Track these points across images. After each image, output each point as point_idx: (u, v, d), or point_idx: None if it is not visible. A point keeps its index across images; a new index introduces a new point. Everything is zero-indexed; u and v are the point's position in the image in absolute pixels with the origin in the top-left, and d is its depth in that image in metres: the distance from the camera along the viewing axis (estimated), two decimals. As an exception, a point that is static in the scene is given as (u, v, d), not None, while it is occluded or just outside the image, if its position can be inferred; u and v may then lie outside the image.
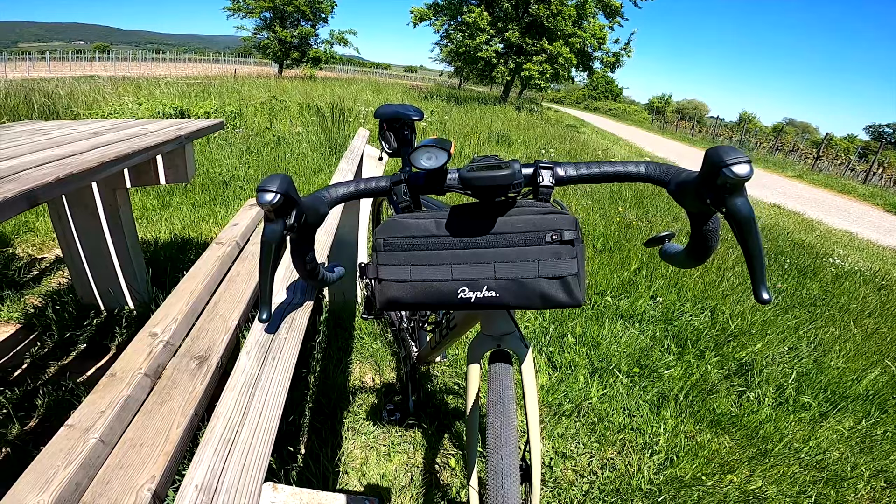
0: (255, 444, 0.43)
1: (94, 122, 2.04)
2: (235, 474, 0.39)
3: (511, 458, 0.63)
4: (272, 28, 23.69)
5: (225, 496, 0.37)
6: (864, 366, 2.27)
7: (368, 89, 12.93)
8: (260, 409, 0.47)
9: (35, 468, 0.76)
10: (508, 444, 0.64)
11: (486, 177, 0.56)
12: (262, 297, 0.58)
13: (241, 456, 0.41)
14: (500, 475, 0.61)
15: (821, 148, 17.62)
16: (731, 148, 0.50)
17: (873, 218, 8.84)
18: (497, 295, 0.62)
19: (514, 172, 0.57)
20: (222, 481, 0.38)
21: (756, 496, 1.41)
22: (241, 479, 0.39)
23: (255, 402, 0.47)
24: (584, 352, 2.00)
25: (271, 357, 0.55)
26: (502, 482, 0.61)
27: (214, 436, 0.42)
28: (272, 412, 0.48)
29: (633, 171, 0.65)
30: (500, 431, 0.66)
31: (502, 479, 0.61)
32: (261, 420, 0.46)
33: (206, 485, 0.38)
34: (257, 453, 0.42)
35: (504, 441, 0.64)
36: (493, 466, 0.62)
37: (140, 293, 2.06)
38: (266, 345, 0.57)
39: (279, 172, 0.56)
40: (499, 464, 0.62)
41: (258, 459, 0.41)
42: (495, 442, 0.65)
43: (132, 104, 6.16)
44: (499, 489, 0.60)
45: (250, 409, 0.46)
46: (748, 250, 0.53)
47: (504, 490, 0.60)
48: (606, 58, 17.96)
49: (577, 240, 0.61)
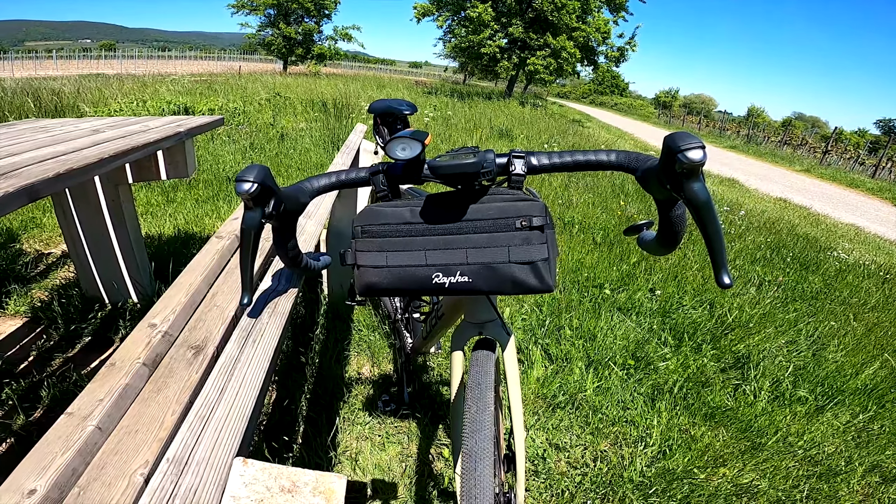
0: (230, 421, 0.45)
1: (97, 120, 2.08)
2: (207, 449, 0.41)
3: (485, 442, 0.64)
4: (276, 25, 23.69)
5: (195, 468, 0.39)
6: (863, 360, 2.26)
7: (372, 85, 12.94)
8: (237, 389, 0.49)
9: (34, 455, 0.79)
10: (483, 429, 0.66)
11: (451, 164, 0.58)
12: (242, 283, 0.61)
13: (214, 432, 0.43)
14: (474, 458, 0.63)
15: (830, 142, 17.42)
16: (687, 134, 0.51)
17: (881, 212, 8.75)
18: (470, 280, 0.64)
19: (480, 161, 0.58)
20: (193, 455, 0.40)
21: (748, 490, 1.42)
22: (212, 453, 0.41)
23: (233, 382, 0.49)
24: (581, 344, 2.01)
25: (251, 340, 0.57)
26: (475, 465, 0.62)
27: (191, 413, 0.44)
28: (249, 392, 0.50)
29: (603, 160, 0.67)
30: (476, 416, 0.67)
31: (475, 462, 0.62)
32: (237, 399, 0.48)
33: (178, 458, 0.39)
34: (231, 429, 0.44)
35: (479, 425, 0.66)
36: (468, 450, 0.64)
37: (143, 287, 2.10)
38: (248, 328, 0.59)
39: (257, 164, 0.59)
40: (473, 447, 0.64)
41: (231, 435, 0.43)
42: (471, 426, 0.66)
43: (138, 101, 6.21)
44: (471, 472, 0.62)
45: (227, 388, 0.48)
46: (706, 234, 0.54)
47: (477, 473, 0.61)
48: (611, 52, 17.83)
49: (546, 226, 0.63)
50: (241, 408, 0.47)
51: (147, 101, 6.17)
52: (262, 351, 0.56)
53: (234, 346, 0.55)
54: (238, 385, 0.49)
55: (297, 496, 0.44)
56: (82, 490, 0.76)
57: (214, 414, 0.44)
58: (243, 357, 0.54)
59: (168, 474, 0.39)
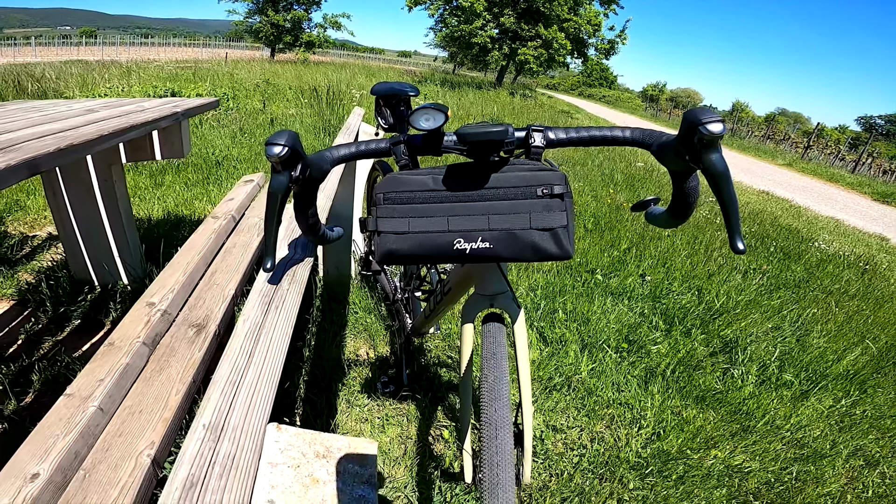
0: (260, 386, 0.45)
1: (89, 101, 2.03)
2: (241, 414, 0.41)
3: (504, 411, 0.66)
4: (264, 12, 23.19)
5: (231, 434, 0.40)
6: (844, 346, 2.33)
7: (362, 73, 12.79)
8: (264, 354, 0.49)
9: (34, 438, 0.78)
10: (502, 398, 0.67)
11: (481, 132, 0.59)
12: (266, 247, 0.61)
13: (246, 397, 0.43)
14: (494, 426, 0.64)
15: (811, 137, 17.74)
16: (706, 109, 0.54)
17: (860, 206, 8.96)
18: (491, 246, 0.65)
19: (507, 129, 0.60)
20: (228, 420, 0.41)
21: (739, 471, 1.46)
22: (246, 418, 0.41)
23: (260, 347, 0.49)
24: (575, 327, 2.04)
25: (274, 306, 0.58)
26: (496, 433, 0.63)
27: (221, 377, 0.45)
28: (276, 356, 0.50)
29: (618, 136, 0.69)
30: (494, 385, 0.69)
31: (496, 430, 0.64)
32: (265, 364, 0.48)
33: (214, 424, 0.40)
34: (262, 394, 0.44)
35: (498, 394, 0.67)
36: (488, 418, 0.65)
37: (134, 268, 2.07)
38: (269, 294, 0.59)
39: (287, 129, 0.59)
40: (493, 416, 0.65)
41: (263, 400, 0.44)
42: (489, 395, 0.68)
43: (124, 86, 6.06)
44: (493, 440, 0.63)
45: (255, 352, 0.48)
46: (723, 202, 0.57)
47: (498, 440, 0.63)
48: (601, 45, 17.85)
49: (566, 194, 0.65)
50: (269, 373, 0.47)
51: (133, 87, 6.02)
52: (284, 317, 0.57)
53: (259, 312, 0.55)
54: (265, 350, 0.49)
55: (331, 461, 0.45)
56: (87, 473, 0.75)
57: (245, 379, 0.45)
58: (267, 322, 0.54)
59: (206, 441, 0.39)
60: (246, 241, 1.61)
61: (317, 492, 0.41)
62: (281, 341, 0.52)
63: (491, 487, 0.60)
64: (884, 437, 1.73)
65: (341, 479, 0.45)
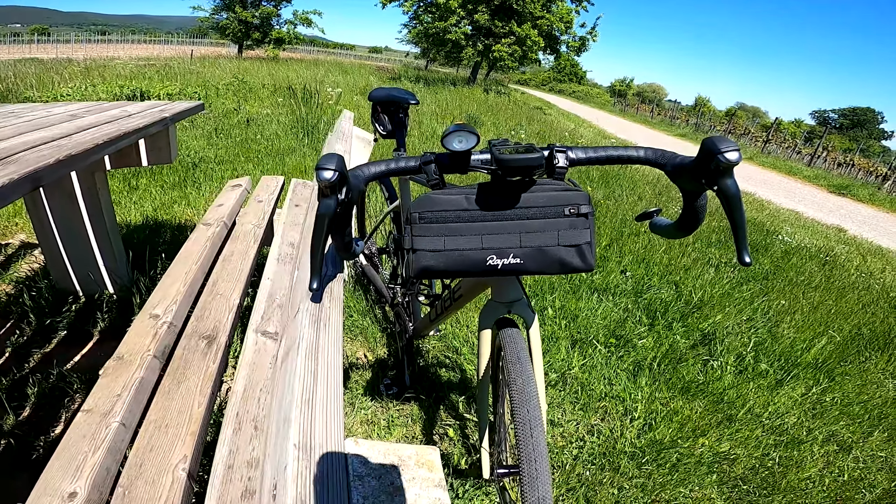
0: (330, 404, 0.48)
1: (68, 105, 1.97)
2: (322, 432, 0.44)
3: (536, 411, 0.71)
4: (232, 8, 22.49)
5: (319, 451, 0.42)
6: (812, 335, 2.47)
7: (335, 70, 12.63)
8: (326, 372, 0.52)
9: (62, 455, 0.78)
10: (532, 399, 0.72)
11: (521, 159, 0.63)
12: (312, 268, 0.63)
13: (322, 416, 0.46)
14: (529, 426, 0.69)
15: (770, 132, 18.50)
16: (724, 138, 0.61)
17: (817, 198, 9.44)
18: (521, 262, 0.70)
19: (542, 156, 0.64)
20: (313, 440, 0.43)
21: (727, 458, 1.55)
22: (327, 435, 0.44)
23: (321, 366, 0.52)
24: (564, 324, 2.11)
25: (323, 324, 0.60)
26: (531, 431, 0.68)
27: (295, 397, 0.47)
28: (336, 374, 0.53)
29: (633, 155, 0.74)
30: (523, 388, 0.73)
31: (531, 429, 0.69)
32: (328, 382, 0.51)
33: (302, 443, 0.42)
34: (334, 411, 0.47)
35: (528, 396, 0.72)
36: (521, 419, 0.70)
37: (120, 277, 2.03)
38: (316, 313, 0.61)
39: (334, 152, 0.61)
40: (526, 416, 0.70)
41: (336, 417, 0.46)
42: (520, 397, 0.72)
43: (87, 86, 5.82)
44: (528, 438, 0.68)
45: (318, 371, 0.51)
46: (734, 221, 0.64)
47: (534, 438, 0.68)
48: (572, 42, 18.13)
49: (590, 213, 0.70)
50: (334, 390, 0.50)
51: (98, 86, 5.79)
52: (334, 335, 0.59)
53: (313, 332, 0.57)
54: (326, 368, 0.52)
55: (406, 469, 0.48)
56: (126, 489, 0.76)
57: (316, 398, 0.47)
58: (321, 341, 0.56)
59: (301, 460, 0.41)
60: (243, 248, 1.61)
61: (400, 499, 0.44)
62: (336, 359, 0.55)
63: (530, 480, 0.65)
64: (854, 423, 1.85)
65: (416, 484, 0.48)
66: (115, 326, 1.87)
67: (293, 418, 0.43)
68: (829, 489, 1.51)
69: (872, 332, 2.67)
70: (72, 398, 1.52)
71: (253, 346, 1.15)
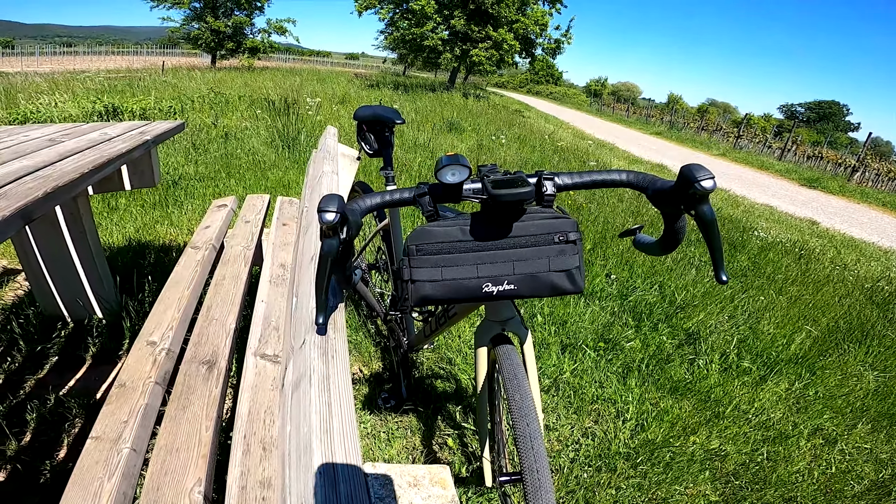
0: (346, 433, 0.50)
1: (44, 128, 1.95)
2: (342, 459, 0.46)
3: (534, 424, 0.74)
4: (203, 18, 22.16)
5: (341, 477, 0.45)
6: (791, 331, 2.55)
7: (312, 79, 12.59)
8: (339, 403, 0.54)
9: (77, 482, 0.79)
10: (530, 413, 0.75)
11: (512, 194, 0.66)
12: (317, 306, 0.65)
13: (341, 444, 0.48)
14: (529, 438, 0.73)
15: (741, 127, 19.01)
16: (700, 166, 0.65)
17: (790, 192, 9.73)
18: (515, 288, 0.73)
19: (533, 189, 0.68)
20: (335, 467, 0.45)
21: (718, 454, 1.60)
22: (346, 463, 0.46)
23: (334, 397, 0.54)
24: (554, 330, 2.16)
25: (331, 356, 0.62)
26: (531, 444, 0.72)
27: (313, 428, 0.49)
28: (348, 404, 0.55)
29: (616, 179, 0.79)
30: (521, 403, 0.77)
31: (531, 441, 0.72)
32: (342, 411, 0.53)
33: (325, 471, 0.44)
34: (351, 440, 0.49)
35: (526, 411, 0.76)
36: (521, 432, 0.73)
37: (108, 301, 2.00)
38: (323, 346, 0.64)
39: (334, 193, 0.63)
40: (525, 429, 0.74)
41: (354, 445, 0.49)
42: (518, 412, 0.76)
43: (56, 101, 5.70)
44: (529, 450, 0.72)
45: (332, 402, 0.53)
46: (711, 243, 0.69)
47: (534, 450, 0.72)
48: (548, 44, 18.39)
49: (578, 239, 0.74)
50: (349, 419, 0.52)
51: (67, 102, 5.67)
52: (341, 366, 0.62)
53: (322, 364, 0.60)
54: (339, 399, 0.54)
55: (422, 488, 0.50)
56: None
57: (333, 428, 0.50)
58: (331, 373, 0.59)
59: (325, 486, 0.44)
60: (235, 272, 1.62)
61: (419, 521, 0.46)
62: (347, 388, 0.57)
63: (534, 490, 0.69)
64: (837, 416, 1.92)
65: (432, 501, 0.50)
66: (107, 350, 1.86)
67: (314, 447, 0.46)
68: (819, 482, 1.57)
69: (849, 325, 2.77)
70: (72, 423, 1.52)
71: (253, 370, 1.16)
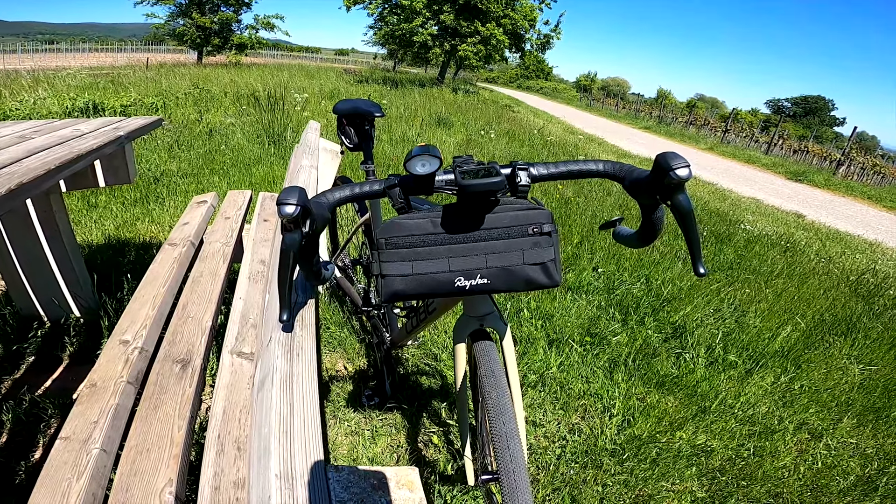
0: (309, 434, 0.48)
1: (16, 125, 1.88)
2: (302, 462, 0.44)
3: (511, 423, 0.72)
4: (189, 15, 21.76)
5: (301, 481, 0.42)
6: (777, 324, 2.55)
7: (300, 74, 12.45)
8: (302, 402, 0.52)
9: (45, 482, 0.77)
10: (507, 412, 0.73)
11: (481, 184, 0.64)
12: (281, 302, 0.63)
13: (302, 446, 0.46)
14: (505, 438, 0.70)
15: (728, 122, 19.15)
16: (676, 154, 0.63)
17: (776, 185, 9.83)
18: (488, 282, 0.71)
19: (504, 180, 0.65)
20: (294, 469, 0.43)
21: (704, 450, 1.59)
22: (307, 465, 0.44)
23: (297, 397, 0.52)
24: (540, 325, 2.14)
25: (296, 354, 0.60)
26: (507, 443, 0.70)
27: (272, 429, 0.47)
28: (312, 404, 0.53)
29: (592, 169, 0.77)
30: (498, 401, 0.75)
31: (507, 440, 0.70)
32: (305, 412, 0.51)
33: (284, 473, 0.42)
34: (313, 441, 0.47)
35: (503, 409, 0.73)
36: (497, 431, 0.71)
37: (85, 300, 1.96)
38: (288, 343, 0.61)
39: (294, 185, 0.60)
40: (501, 429, 0.71)
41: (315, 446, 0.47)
42: (495, 410, 0.73)
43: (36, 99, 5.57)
44: (505, 450, 0.69)
45: (294, 402, 0.51)
46: (688, 234, 0.67)
47: (510, 450, 0.69)
48: (537, 40, 18.37)
49: (553, 231, 0.71)
50: (312, 420, 0.50)
51: (47, 99, 5.55)
52: (307, 364, 0.59)
53: (285, 363, 0.57)
54: (301, 399, 0.52)
55: (387, 492, 0.48)
56: None
57: (293, 429, 0.47)
58: (295, 372, 0.56)
59: (284, 489, 0.42)
60: (212, 268, 1.58)
61: (383, 526, 0.44)
62: (312, 388, 0.55)
63: (510, 491, 0.67)
64: (823, 411, 1.92)
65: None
66: (85, 350, 1.82)
67: (273, 449, 0.43)
68: (805, 477, 1.56)
69: (834, 318, 2.79)
70: (48, 423, 1.48)
71: (229, 368, 1.13)
